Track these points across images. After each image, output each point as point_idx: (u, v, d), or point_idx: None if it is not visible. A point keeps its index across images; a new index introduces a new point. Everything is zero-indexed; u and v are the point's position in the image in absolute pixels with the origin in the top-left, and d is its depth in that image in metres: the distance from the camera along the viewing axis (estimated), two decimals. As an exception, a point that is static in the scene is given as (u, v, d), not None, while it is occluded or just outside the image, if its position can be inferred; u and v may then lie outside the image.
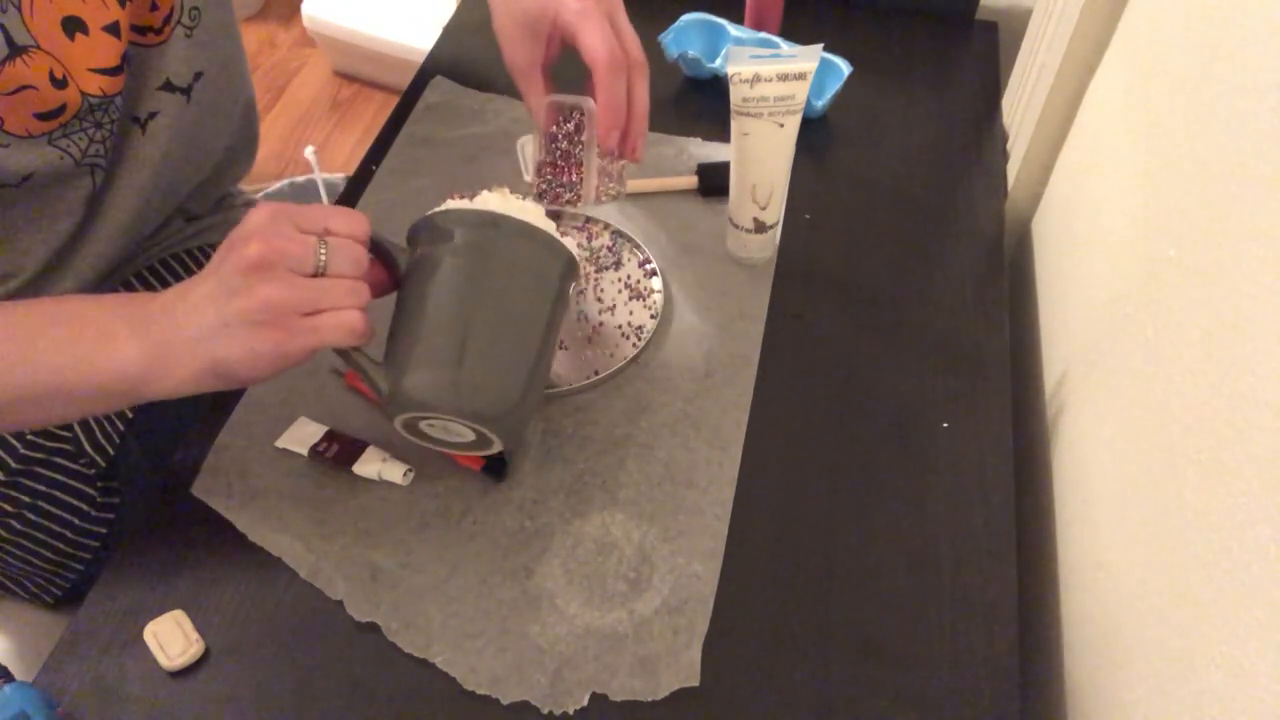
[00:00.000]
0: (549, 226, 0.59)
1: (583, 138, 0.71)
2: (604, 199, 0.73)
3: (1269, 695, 0.39)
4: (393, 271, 0.59)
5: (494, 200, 0.59)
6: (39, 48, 0.61)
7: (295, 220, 0.53)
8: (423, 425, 0.58)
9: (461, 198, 0.59)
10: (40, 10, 0.61)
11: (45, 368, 0.54)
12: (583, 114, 0.70)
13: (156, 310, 0.55)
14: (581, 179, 0.73)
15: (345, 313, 0.53)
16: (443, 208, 0.59)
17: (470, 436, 0.58)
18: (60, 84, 0.63)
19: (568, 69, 0.69)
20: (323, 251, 0.53)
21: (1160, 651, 0.49)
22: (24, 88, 0.61)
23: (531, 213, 0.59)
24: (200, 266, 0.85)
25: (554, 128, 0.72)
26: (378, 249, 0.58)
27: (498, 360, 0.57)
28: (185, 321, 0.53)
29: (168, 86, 0.73)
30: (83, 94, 0.65)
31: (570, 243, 0.60)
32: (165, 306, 0.54)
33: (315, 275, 0.53)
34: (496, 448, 0.59)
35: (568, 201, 0.73)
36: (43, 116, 0.64)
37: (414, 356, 0.56)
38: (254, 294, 0.51)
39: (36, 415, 0.58)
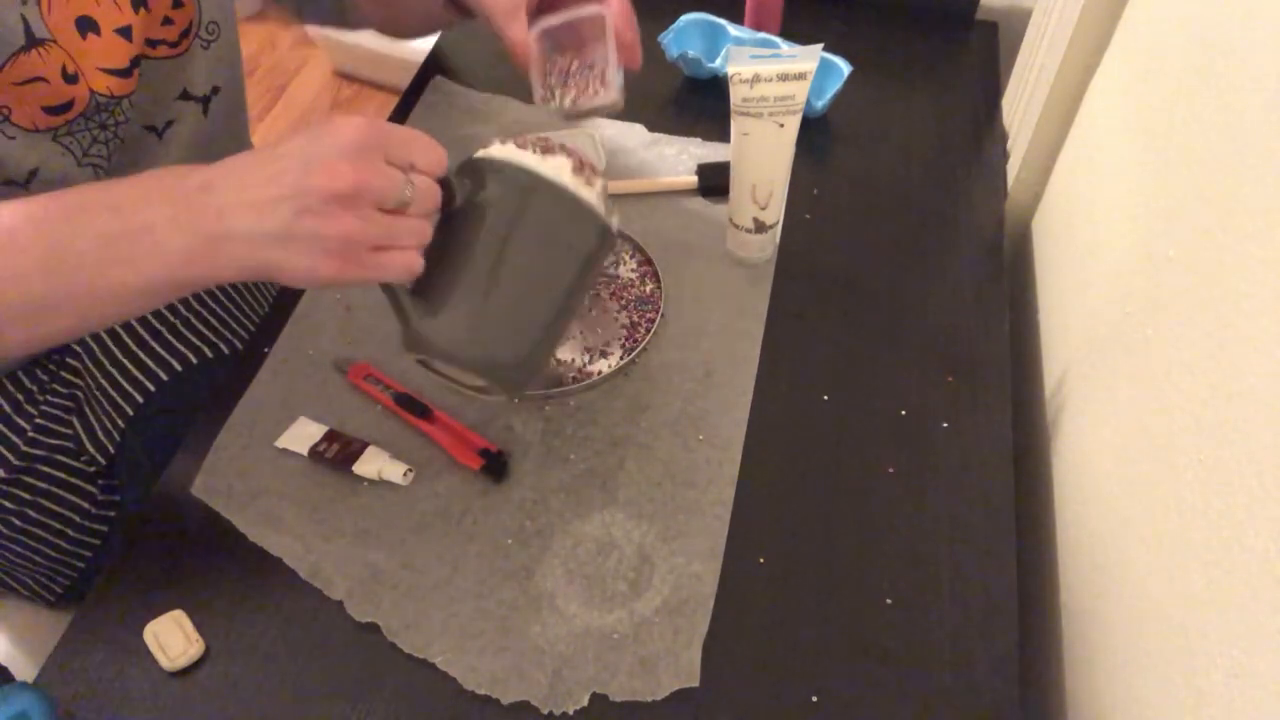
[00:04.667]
0: (596, 197, 0.58)
1: (581, 62, 0.73)
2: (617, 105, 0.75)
3: (1269, 695, 0.39)
4: (446, 203, 0.57)
5: (554, 165, 0.57)
6: (54, 42, 0.62)
7: (386, 149, 0.51)
8: (436, 365, 0.59)
9: (536, 144, 0.58)
10: (57, 7, 0.62)
11: (76, 267, 0.51)
12: (579, 32, 0.72)
13: (198, 194, 0.51)
14: (602, 80, 0.75)
15: (408, 253, 0.53)
16: (501, 155, 0.58)
17: (478, 381, 0.59)
18: (71, 79, 0.64)
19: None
20: (408, 190, 0.52)
21: (1160, 651, 0.49)
22: (35, 79, 0.62)
23: (550, 163, 0.57)
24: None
25: (553, 61, 0.74)
26: (441, 181, 0.57)
27: (515, 322, 0.57)
28: (241, 218, 0.50)
29: (185, 96, 0.74)
30: (91, 92, 0.65)
31: (594, 190, 0.58)
32: (208, 189, 0.51)
33: (392, 210, 0.52)
34: (499, 395, 0.60)
35: (593, 93, 0.74)
36: (51, 110, 0.64)
37: (441, 306, 0.55)
38: (333, 223, 0.50)
39: (56, 326, 0.54)
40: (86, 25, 0.64)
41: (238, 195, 0.51)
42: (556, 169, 0.57)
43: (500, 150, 0.58)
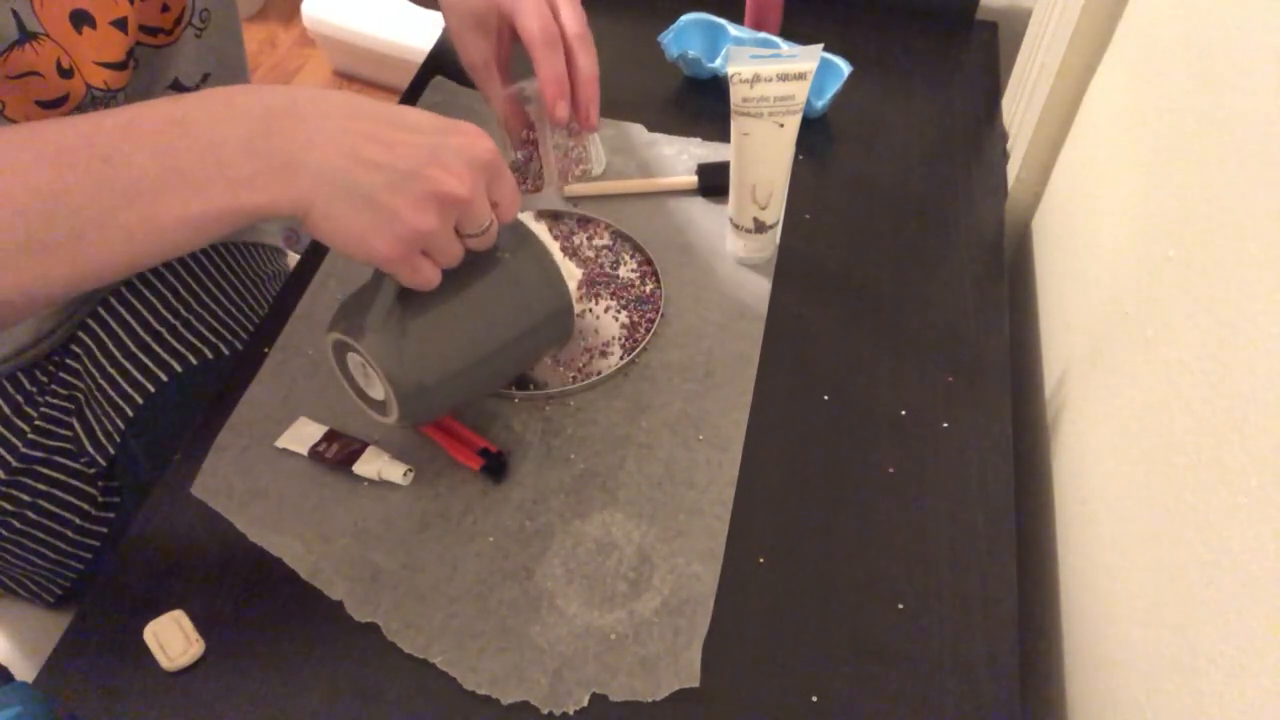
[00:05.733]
0: (572, 285, 0.62)
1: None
2: (572, 179, 0.73)
3: (1269, 695, 0.39)
4: None
5: (544, 235, 0.62)
6: (48, 36, 0.62)
7: (491, 182, 0.53)
8: (349, 358, 0.59)
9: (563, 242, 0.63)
10: (50, 1, 0.61)
11: (131, 188, 0.47)
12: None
13: (280, 118, 0.49)
14: (567, 159, 0.73)
15: (438, 270, 0.54)
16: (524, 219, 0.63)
17: (379, 395, 0.59)
18: (66, 74, 0.64)
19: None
20: (485, 226, 0.53)
21: (1160, 651, 0.49)
22: (29, 74, 0.62)
23: (567, 267, 0.63)
24: (201, 266, 0.85)
25: (534, 118, 0.73)
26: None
27: (443, 349, 0.58)
28: (328, 157, 0.48)
29: (177, 86, 0.74)
30: (87, 85, 0.65)
31: (574, 326, 0.63)
32: (292, 114, 0.49)
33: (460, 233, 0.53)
34: (391, 419, 0.60)
35: (532, 189, 0.73)
36: (45, 105, 0.64)
37: (399, 312, 0.57)
38: (418, 215, 0.49)
39: (101, 261, 0.49)
40: (81, 19, 0.63)
41: (336, 136, 0.49)
42: (563, 263, 0.61)
43: (531, 223, 0.61)
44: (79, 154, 0.48)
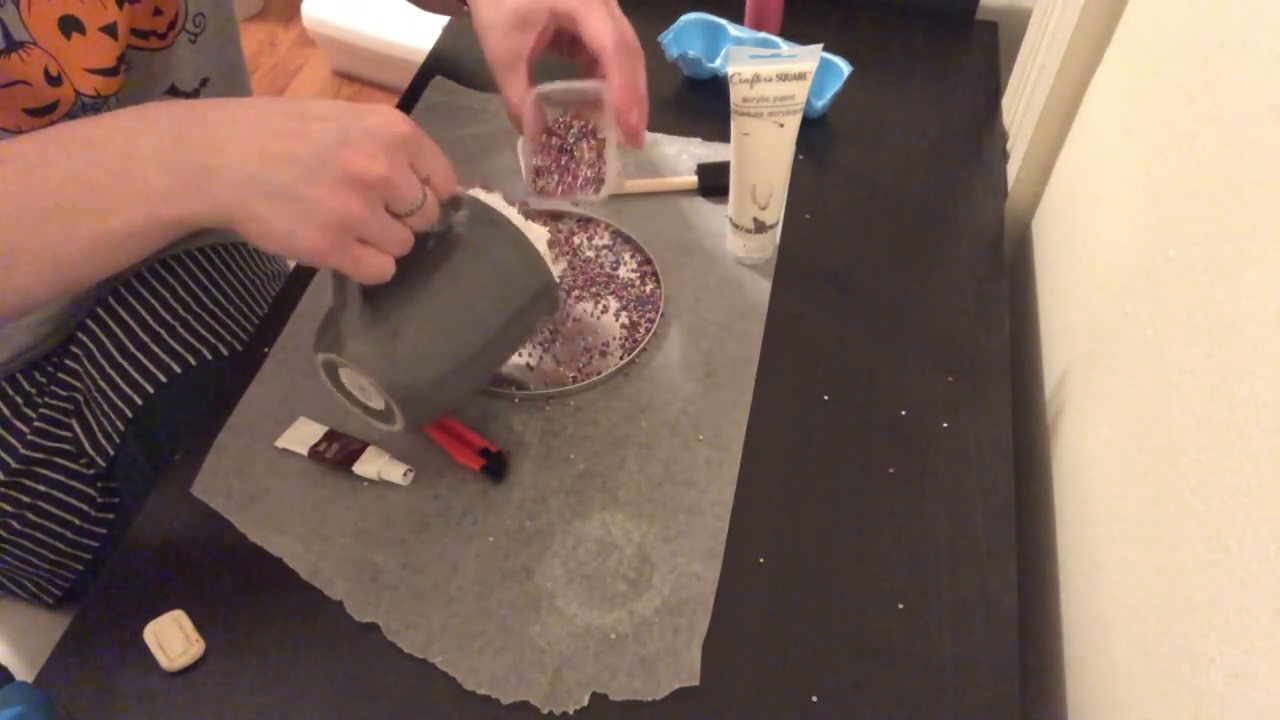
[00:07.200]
0: (543, 247, 0.60)
1: (582, 127, 0.70)
2: (614, 189, 0.72)
3: (1269, 695, 0.39)
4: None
5: (532, 229, 0.60)
6: (36, 44, 0.61)
7: (415, 156, 0.52)
8: (341, 374, 0.59)
9: (522, 208, 0.61)
10: (38, 8, 0.61)
11: (50, 209, 0.48)
12: (583, 101, 0.69)
13: (190, 126, 0.49)
14: (590, 167, 0.72)
15: (386, 257, 0.52)
16: (485, 198, 0.60)
17: (379, 404, 0.59)
18: (55, 81, 0.63)
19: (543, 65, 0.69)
20: (419, 201, 0.52)
21: (1160, 651, 0.49)
22: (17, 82, 0.62)
23: (533, 231, 0.61)
24: (201, 266, 0.85)
25: (552, 123, 0.72)
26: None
27: (436, 349, 0.58)
28: (238, 160, 0.48)
29: (173, 91, 0.74)
30: (77, 93, 0.65)
31: (557, 269, 0.62)
32: (203, 122, 0.49)
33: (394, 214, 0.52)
34: (396, 426, 0.59)
35: (566, 191, 0.72)
36: (33, 112, 0.64)
37: (377, 317, 0.56)
38: (340, 200, 0.48)
39: (33, 282, 0.50)
40: (70, 25, 0.63)
41: (244, 137, 0.49)
42: (526, 228, 0.60)
43: (485, 195, 0.60)
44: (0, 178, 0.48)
